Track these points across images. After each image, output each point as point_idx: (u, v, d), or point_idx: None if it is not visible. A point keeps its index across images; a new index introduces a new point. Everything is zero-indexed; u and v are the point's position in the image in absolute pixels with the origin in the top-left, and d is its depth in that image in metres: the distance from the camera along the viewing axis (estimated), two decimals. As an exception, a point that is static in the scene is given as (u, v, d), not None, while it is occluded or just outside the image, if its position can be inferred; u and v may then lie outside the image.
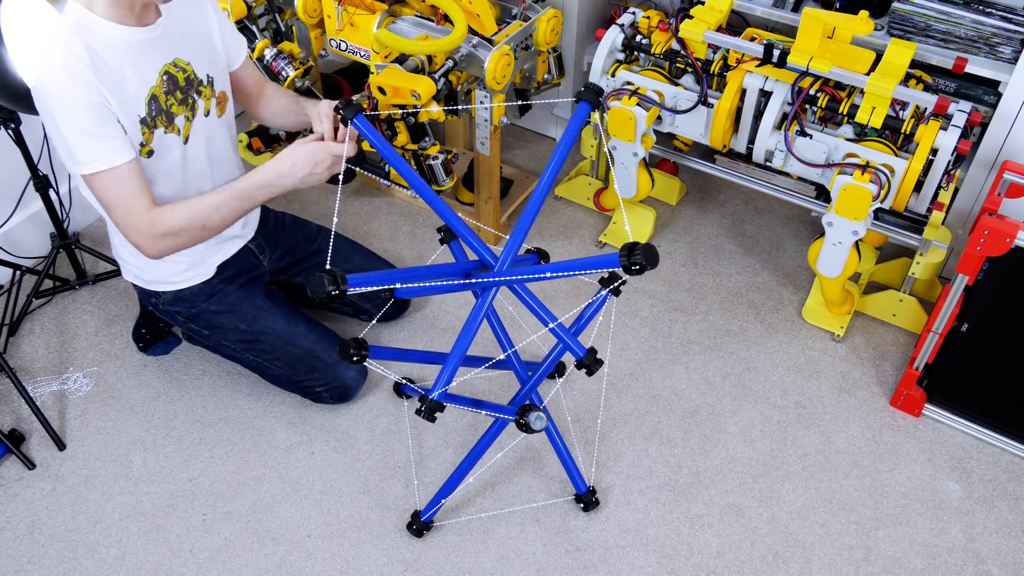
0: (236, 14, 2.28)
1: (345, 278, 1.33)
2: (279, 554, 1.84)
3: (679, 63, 2.18)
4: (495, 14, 2.20)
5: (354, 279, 1.35)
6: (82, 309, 2.35)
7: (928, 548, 1.86)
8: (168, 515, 1.90)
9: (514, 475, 1.99)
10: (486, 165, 2.37)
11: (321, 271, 1.33)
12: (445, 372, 1.54)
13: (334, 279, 1.32)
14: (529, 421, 1.46)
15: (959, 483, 1.98)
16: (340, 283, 1.32)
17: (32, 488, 1.95)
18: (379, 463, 2.01)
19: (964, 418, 2.08)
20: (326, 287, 1.31)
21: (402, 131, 2.21)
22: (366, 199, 2.71)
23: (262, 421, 2.09)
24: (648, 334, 2.31)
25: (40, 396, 2.12)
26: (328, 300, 1.32)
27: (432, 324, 2.33)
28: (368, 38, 2.22)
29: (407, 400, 2.14)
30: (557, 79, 2.44)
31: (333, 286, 1.32)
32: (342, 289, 1.32)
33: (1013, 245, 1.76)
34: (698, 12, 2.13)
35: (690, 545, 1.86)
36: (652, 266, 1.27)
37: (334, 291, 1.32)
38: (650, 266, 1.27)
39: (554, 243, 2.57)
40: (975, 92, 2.14)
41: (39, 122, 2.23)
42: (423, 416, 1.48)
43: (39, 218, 2.39)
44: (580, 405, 2.13)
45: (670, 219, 2.65)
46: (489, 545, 1.86)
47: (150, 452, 2.02)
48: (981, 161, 2.14)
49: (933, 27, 2.10)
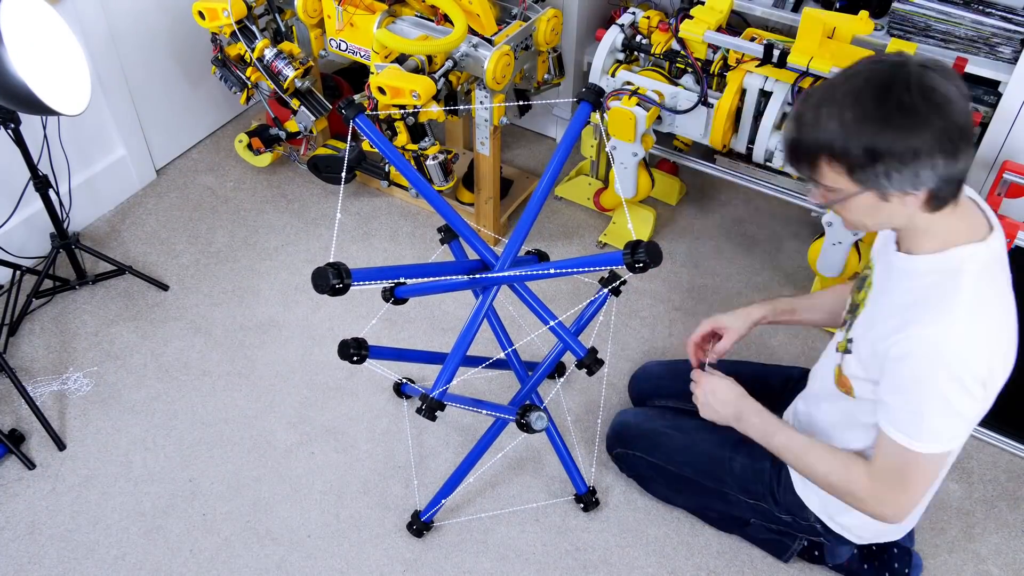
0: (236, 14, 2.28)
1: (349, 271, 1.35)
2: (279, 554, 1.84)
3: (679, 63, 2.18)
4: (495, 14, 2.20)
5: (358, 273, 1.37)
6: (82, 309, 2.35)
7: (928, 548, 1.86)
8: (168, 515, 1.90)
9: (514, 475, 1.99)
10: (486, 165, 2.37)
11: (326, 264, 1.34)
12: (446, 371, 1.54)
13: (338, 272, 1.33)
14: (530, 421, 1.46)
15: (959, 483, 1.98)
16: (344, 276, 1.34)
17: (32, 488, 1.95)
18: (379, 463, 2.01)
19: (964, 418, 2.08)
20: (330, 280, 1.33)
21: (402, 131, 2.21)
22: (366, 199, 2.71)
23: (262, 421, 2.09)
24: (648, 334, 2.31)
25: (40, 396, 2.12)
26: (332, 294, 1.33)
27: (432, 324, 2.33)
28: (368, 38, 2.22)
29: (407, 400, 2.14)
30: (557, 79, 2.44)
31: (337, 279, 1.33)
32: (346, 282, 1.34)
33: (1013, 245, 1.75)
34: (698, 12, 2.13)
35: (690, 545, 1.86)
36: (656, 263, 1.27)
37: (338, 284, 1.33)
38: (654, 263, 1.27)
39: (554, 243, 2.57)
40: (975, 92, 2.14)
41: (39, 122, 2.24)
42: (424, 415, 1.48)
43: (39, 218, 2.39)
44: (580, 405, 2.12)
45: (670, 219, 2.65)
46: (489, 545, 1.86)
47: (150, 452, 2.02)
48: (981, 161, 2.13)
49: (933, 27, 2.10)
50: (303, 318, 2.33)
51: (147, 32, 2.57)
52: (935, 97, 1.10)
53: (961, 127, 1.11)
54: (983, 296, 1.22)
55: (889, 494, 1.33)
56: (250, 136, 2.66)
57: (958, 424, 1.25)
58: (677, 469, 1.77)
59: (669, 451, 1.78)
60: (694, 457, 1.74)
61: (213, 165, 2.83)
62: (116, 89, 2.51)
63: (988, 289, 1.23)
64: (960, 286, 1.21)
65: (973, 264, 1.22)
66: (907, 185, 1.14)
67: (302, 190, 2.74)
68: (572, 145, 1.57)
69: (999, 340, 1.23)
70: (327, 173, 2.63)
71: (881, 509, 1.35)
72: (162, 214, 2.65)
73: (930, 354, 1.21)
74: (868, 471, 1.35)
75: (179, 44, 2.68)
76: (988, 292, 1.23)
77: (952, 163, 1.12)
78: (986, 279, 1.23)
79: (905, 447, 1.27)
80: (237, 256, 2.52)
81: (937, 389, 1.21)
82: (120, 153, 2.63)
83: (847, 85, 1.14)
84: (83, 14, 2.31)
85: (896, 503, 1.34)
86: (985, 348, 1.20)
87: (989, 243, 1.24)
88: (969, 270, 1.22)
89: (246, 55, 2.35)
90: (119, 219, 2.63)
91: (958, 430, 1.26)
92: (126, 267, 2.39)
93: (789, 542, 1.79)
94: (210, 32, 2.39)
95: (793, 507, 1.61)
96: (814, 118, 1.16)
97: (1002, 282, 1.28)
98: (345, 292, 1.34)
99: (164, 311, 2.35)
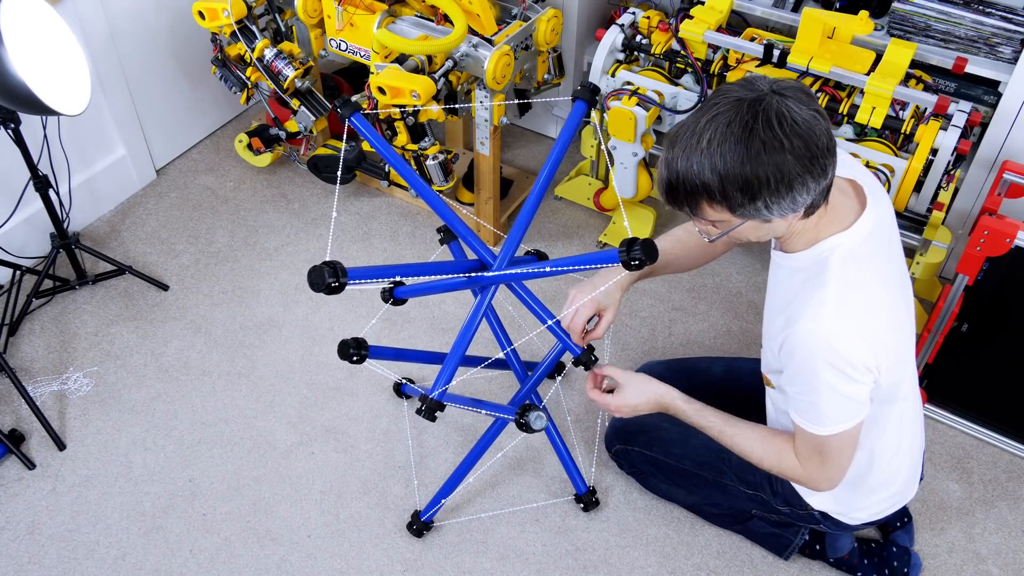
0: (236, 14, 2.28)
1: (345, 270, 1.35)
2: (279, 554, 1.84)
3: (679, 63, 2.18)
4: (495, 14, 2.20)
5: (355, 271, 1.37)
6: (82, 309, 2.35)
7: (928, 548, 1.86)
8: (168, 515, 1.90)
9: (514, 475, 1.99)
10: (486, 165, 2.37)
11: (322, 262, 1.34)
12: (445, 371, 1.54)
13: (334, 271, 1.33)
14: (529, 421, 1.46)
15: (959, 483, 1.98)
16: (340, 275, 1.34)
17: (32, 488, 1.95)
18: (379, 463, 2.01)
19: (964, 418, 2.08)
20: (326, 279, 1.33)
21: (402, 131, 2.21)
22: (366, 199, 2.71)
23: (262, 421, 2.09)
24: (648, 334, 2.31)
25: (40, 396, 2.12)
26: (328, 292, 1.33)
27: (432, 324, 2.33)
28: (368, 38, 2.22)
29: (407, 400, 2.14)
30: (557, 79, 2.44)
31: (333, 278, 1.33)
32: (342, 281, 1.34)
33: (1013, 245, 1.75)
34: (698, 12, 2.13)
35: (690, 545, 1.86)
36: (651, 261, 1.27)
37: (334, 283, 1.33)
38: (649, 261, 1.27)
39: (554, 243, 2.57)
40: (975, 92, 2.14)
41: (39, 122, 2.24)
42: (423, 415, 1.49)
43: (39, 218, 2.39)
44: (580, 405, 2.12)
45: (670, 219, 2.65)
46: (489, 545, 1.86)
47: (150, 452, 2.02)
48: (981, 161, 2.13)
49: (933, 27, 2.10)
50: (303, 318, 2.34)
51: (147, 32, 2.57)
52: (797, 128, 1.17)
53: (824, 147, 1.19)
54: (851, 283, 1.30)
55: (816, 470, 1.44)
56: (250, 136, 2.66)
57: (852, 405, 1.34)
58: (676, 462, 1.78)
59: (667, 444, 1.79)
60: (692, 449, 1.76)
61: (213, 165, 2.83)
62: (116, 89, 2.51)
63: (856, 274, 1.31)
64: (827, 279, 1.30)
65: (838, 255, 1.31)
66: (787, 210, 1.23)
67: (302, 190, 2.74)
68: (568, 143, 1.57)
69: (875, 319, 1.31)
70: (327, 173, 2.63)
71: (815, 484, 1.47)
72: (162, 214, 2.65)
73: (809, 348, 1.30)
74: (795, 452, 1.45)
75: (179, 44, 2.68)
76: (856, 277, 1.31)
77: (822, 179, 1.21)
78: (852, 266, 1.31)
79: (813, 433, 1.38)
80: (237, 256, 2.52)
81: (822, 380, 1.31)
82: (120, 153, 2.63)
83: (710, 130, 1.19)
84: (83, 14, 2.32)
85: (825, 477, 1.45)
86: (856, 335, 1.28)
87: (854, 230, 1.33)
88: (834, 262, 1.31)
89: (246, 55, 2.35)
90: (119, 219, 2.63)
91: (854, 410, 1.35)
92: (126, 267, 2.39)
93: (790, 537, 1.80)
94: (210, 32, 2.39)
95: (790, 495, 1.63)
96: (686, 166, 1.22)
97: (877, 260, 1.37)
98: (341, 291, 1.34)
99: (164, 311, 2.35)
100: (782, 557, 1.82)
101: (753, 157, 1.17)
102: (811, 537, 1.81)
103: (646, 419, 1.85)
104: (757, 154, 1.17)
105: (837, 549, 1.78)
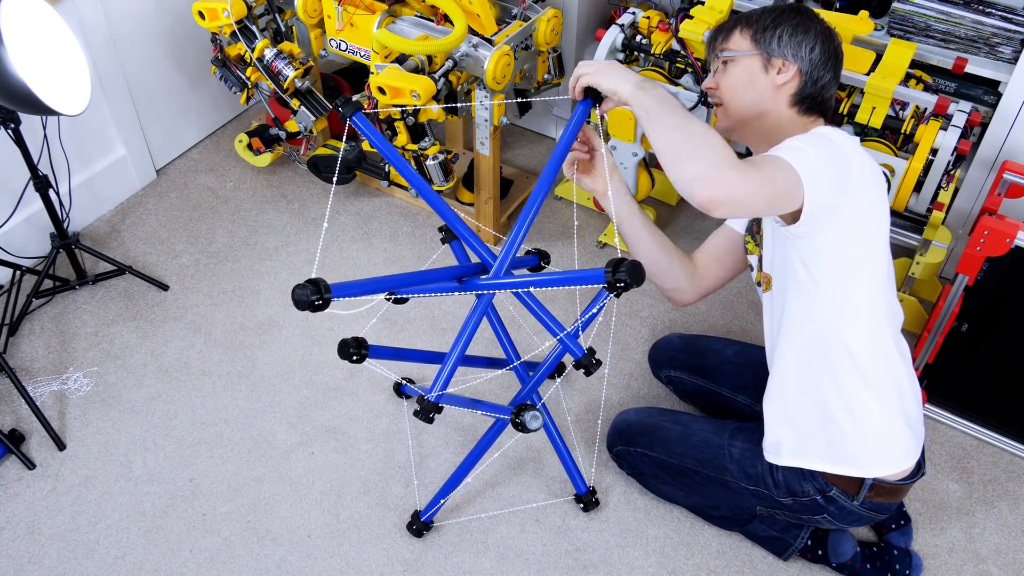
0: (236, 14, 2.28)
1: (329, 287, 1.29)
2: (279, 554, 1.84)
3: (679, 63, 2.18)
4: (495, 14, 2.20)
5: (338, 288, 1.31)
6: (82, 309, 2.35)
7: (928, 548, 1.86)
8: (168, 515, 1.90)
9: (514, 475, 1.99)
10: (486, 165, 2.37)
11: (307, 280, 1.29)
12: (442, 374, 1.54)
13: (317, 288, 1.28)
14: (525, 420, 1.45)
15: (959, 483, 1.98)
16: (323, 292, 1.28)
17: (32, 488, 1.95)
18: (379, 463, 2.01)
19: (964, 418, 2.08)
20: (309, 297, 1.27)
21: (402, 131, 2.21)
22: (366, 199, 2.71)
23: (262, 421, 2.09)
24: (648, 334, 2.31)
25: (40, 396, 2.12)
26: (312, 311, 1.29)
27: (432, 324, 2.33)
28: (368, 38, 2.22)
29: (407, 400, 2.14)
30: (557, 79, 2.44)
31: (316, 295, 1.27)
32: (325, 298, 1.28)
33: (1013, 245, 1.75)
34: (698, 12, 2.13)
35: (690, 545, 1.86)
36: (637, 284, 1.25)
37: (317, 301, 1.28)
38: (635, 284, 1.25)
39: (554, 243, 2.57)
40: (975, 92, 2.14)
41: (39, 122, 2.24)
42: (420, 418, 1.49)
43: (39, 218, 2.39)
44: (580, 405, 2.13)
45: (670, 219, 2.65)
46: (489, 545, 1.86)
47: (150, 452, 2.02)
48: (981, 161, 2.13)
49: (933, 27, 2.10)
50: (303, 318, 2.34)
51: (147, 32, 2.57)
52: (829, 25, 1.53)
53: (836, 54, 1.51)
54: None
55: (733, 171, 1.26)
56: (250, 136, 2.66)
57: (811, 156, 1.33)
58: (678, 461, 1.78)
59: (669, 443, 1.80)
60: (693, 447, 1.76)
61: (213, 165, 2.83)
62: (116, 89, 2.52)
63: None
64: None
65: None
66: (788, 54, 1.47)
67: (302, 190, 2.74)
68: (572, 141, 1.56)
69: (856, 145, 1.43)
70: (327, 173, 2.63)
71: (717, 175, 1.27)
72: (162, 214, 2.65)
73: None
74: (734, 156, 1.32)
75: (179, 44, 2.69)
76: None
77: (823, 69, 1.48)
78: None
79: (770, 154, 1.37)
80: (237, 256, 2.52)
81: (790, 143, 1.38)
82: (120, 153, 2.63)
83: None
84: (83, 14, 2.32)
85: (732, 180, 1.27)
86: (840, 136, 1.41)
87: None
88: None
89: (246, 55, 2.35)
90: (119, 219, 2.63)
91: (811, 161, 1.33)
92: (126, 267, 2.39)
93: (790, 540, 1.80)
94: (210, 32, 2.39)
95: (792, 482, 1.64)
96: (748, 12, 1.55)
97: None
98: (325, 308, 1.29)
99: (164, 311, 2.35)
100: (782, 559, 1.82)
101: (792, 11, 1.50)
102: (813, 542, 1.81)
103: (647, 420, 1.87)
104: (795, 12, 1.51)
105: (840, 554, 1.78)
